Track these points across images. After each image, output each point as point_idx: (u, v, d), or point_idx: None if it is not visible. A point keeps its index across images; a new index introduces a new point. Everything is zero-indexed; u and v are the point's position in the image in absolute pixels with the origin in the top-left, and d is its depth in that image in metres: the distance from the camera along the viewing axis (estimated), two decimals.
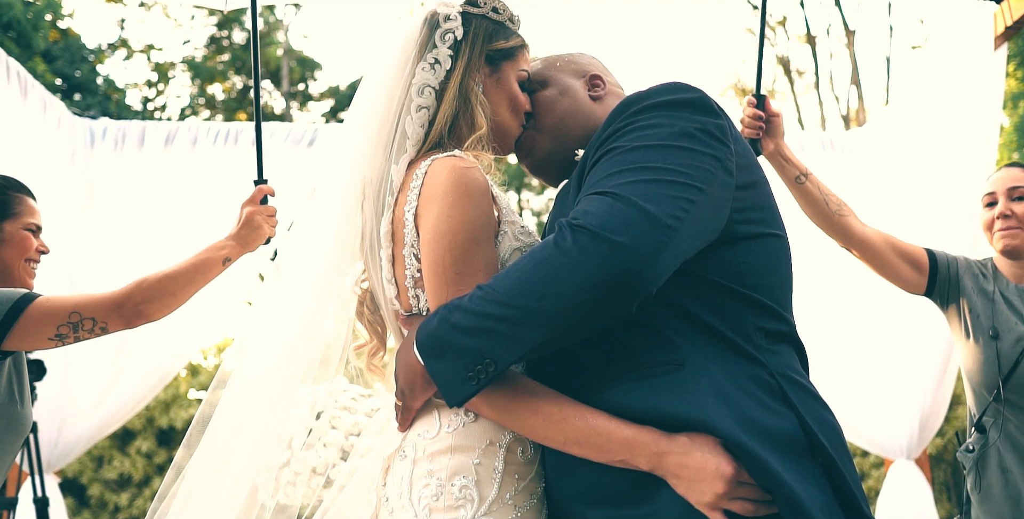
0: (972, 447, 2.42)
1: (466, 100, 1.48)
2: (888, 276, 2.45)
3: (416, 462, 1.36)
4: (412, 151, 1.45)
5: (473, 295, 1.20)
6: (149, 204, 4.27)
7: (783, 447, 1.17)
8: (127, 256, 4.08)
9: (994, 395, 2.35)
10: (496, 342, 1.16)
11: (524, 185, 18.73)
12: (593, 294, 1.11)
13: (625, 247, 1.10)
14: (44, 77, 11.42)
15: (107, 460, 6.56)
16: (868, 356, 4.32)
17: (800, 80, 18.17)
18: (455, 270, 1.31)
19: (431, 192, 1.35)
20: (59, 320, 1.96)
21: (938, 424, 4.23)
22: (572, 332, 1.16)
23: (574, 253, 1.12)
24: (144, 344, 4.11)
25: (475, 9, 1.53)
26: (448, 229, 1.32)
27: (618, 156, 1.24)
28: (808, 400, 1.25)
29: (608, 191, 1.17)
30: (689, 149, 1.22)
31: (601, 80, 1.64)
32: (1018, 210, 2.42)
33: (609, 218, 1.13)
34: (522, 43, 1.58)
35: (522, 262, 1.18)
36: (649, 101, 1.30)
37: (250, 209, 2.31)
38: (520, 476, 1.35)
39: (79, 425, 4.10)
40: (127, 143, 4.41)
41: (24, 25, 11.45)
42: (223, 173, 4.21)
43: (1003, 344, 2.35)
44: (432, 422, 1.38)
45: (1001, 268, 2.50)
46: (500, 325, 1.15)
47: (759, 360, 1.24)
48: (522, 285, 1.15)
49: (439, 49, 1.48)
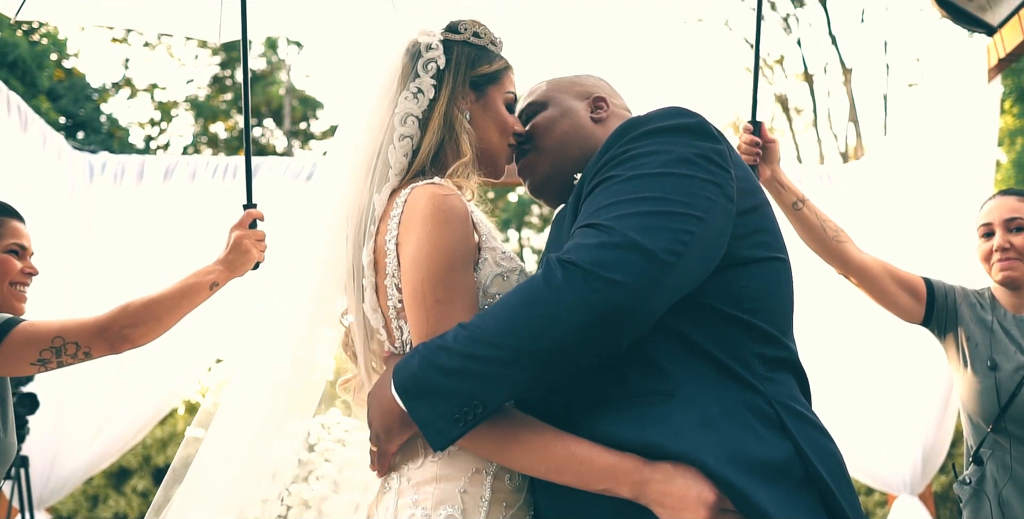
0: (969, 479, 2.37)
1: (451, 128, 1.47)
2: (885, 304, 2.43)
3: (401, 493, 1.33)
4: (395, 180, 1.44)
5: (457, 334, 1.16)
6: (148, 237, 4.28)
7: (775, 478, 1.14)
8: (125, 289, 4.05)
9: (992, 426, 2.31)
10: (485, 383, 1.13)
11: (524, 223, 18.78)
12: (585, 334, 1.09)
13: (618, 284, 1.08)
14: (48, 115, 11.52)
15: (102, 499, 6.50)
16: (869, 389, 4.29)
17: (798, 118, 18.32)
18: (434, 297, 1.28)
19: (411, 220, 1.33)
20: (41, 345, 1.94)
21: (941, 458, 4.18)
22: (562, 370, 1.14)
23: (565, 291, 1.09)
24: (139, 379, 4.08)
25: (456, 36, 1.52)
26: (426, 256, 1.30)
27: (615, 186, 1.21)
28: (807, 428, 1.22)
29: (602, 224, 1.15)
30: (688, 176, 1.20)
31: (605, 102, 1.62)
32: (1016, 242, 2.39)
33: (602, 253, 1.10)
34: (506, 65, 1.57)
35: (510, 299, 1.15)
36: (647, 127, 1.27)
37: (238, 233, 2.26)
38: (508, 504, 1.32)
39: (72, 460, 4.04)
40: (126, 177, 4.43)
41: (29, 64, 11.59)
42: (221, 206, 4.21)
43: (1002, 374, 2.31)
44: (416, 451, 1.35)
45: (999, 298, 2.48)
46: (489, 366, 1.12)
47: (757, 388, 1.21)
48: (512, 325, 1.12)
49: (422, 79, 1.47)
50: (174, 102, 18.01)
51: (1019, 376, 2.28)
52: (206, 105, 17.96)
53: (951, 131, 3.78)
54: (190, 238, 4.18)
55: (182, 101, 18.04)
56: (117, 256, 4.25)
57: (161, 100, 17.89)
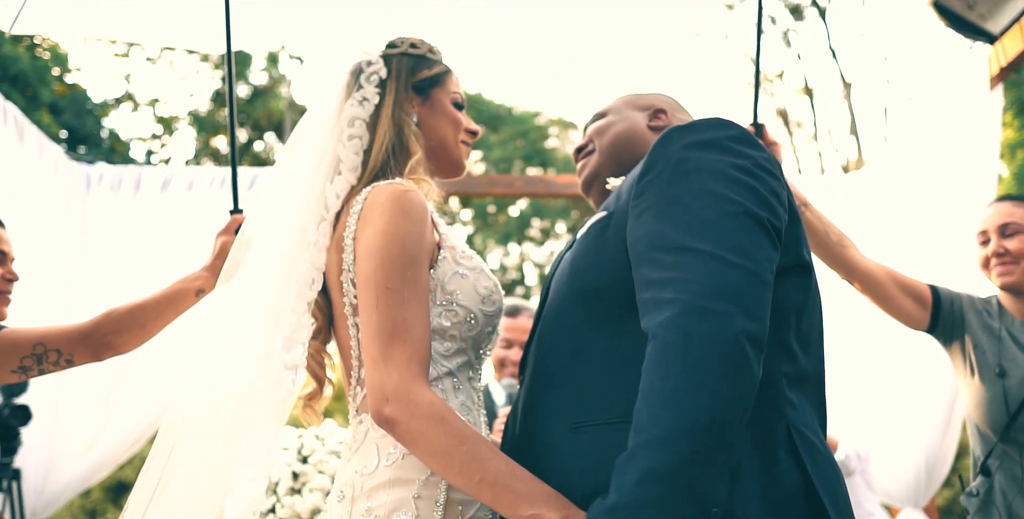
0: (977, 491, 2.31)
1: (399, 130, 1.56)
2: (890, 310, 2.40)
3: (355, 501, 1.32)
4: (350, 176, 1.50)
5: (620, 471, 1.02)
6: (145, 248, 4.25)
7: (779, 509, 1.11)
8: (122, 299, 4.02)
9: (1000, 436, 2.26)
10: (698, 482, 0.99)
11: (525, 237, 18.76)
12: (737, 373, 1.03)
13: (732, 315, 1.04)
14: (50, 129, 11.54)
15: (100, 513, 6.45)
16: (873, 399, 4.25)
17: (799, 131, 18.34)
18: (386, 284, 1.29)
19: (369, 214, 1.37)
20: (23, 352, 1.90)
21: (946, 470, 4.13)
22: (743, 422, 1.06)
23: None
24: (134, 390, 4.04)
25: (394, 50, 1.64)
26: (382, 244, 1.32)
27: (678, 202, 1.17)
28: (818, 459, 1.18)
29: (697, 248, 1.10)
30: (751, 186, 1.17)
31: (665, 114, 1.61)
32: (1011, 247, 2.39)
33: (711, 284, 1.07)
34: (446, 69, 1.66)
35: (649, 386, 1.05)
36: (694, 137, 1.24)
37: (224, 239, 2.16)
38: (464, 506, 1.30)
39: (66, 472, 3.99)
40: (123, 188, 4.41)
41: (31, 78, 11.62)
42: (218, 217, 4.17)
43: (1010, 382, 2.27)
44: (371, 457, 1.34)
45: (1006, 305, 2.45)
46: (685, 463, 0.99)
47: (780, 411, 1.18)
48: (672, 406, 1.01)
49: (366, 89, 1.57)
50: (175, 117, 18.06)
51: None
52: (207, 119, 18.00)
53: (953, 140, 3.76)
54: (187, 248, 4.14)
55: (184, 115, 18.09)
56: (114, 266, 4.23)
57: (162, 115, 17.94)
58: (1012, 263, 2.38)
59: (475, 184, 5.31)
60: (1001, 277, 2.40)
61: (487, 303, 1.43)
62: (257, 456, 1.39)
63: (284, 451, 2.54)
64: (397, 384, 1.23)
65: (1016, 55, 3.40)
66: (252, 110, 17.72)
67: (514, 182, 5.11)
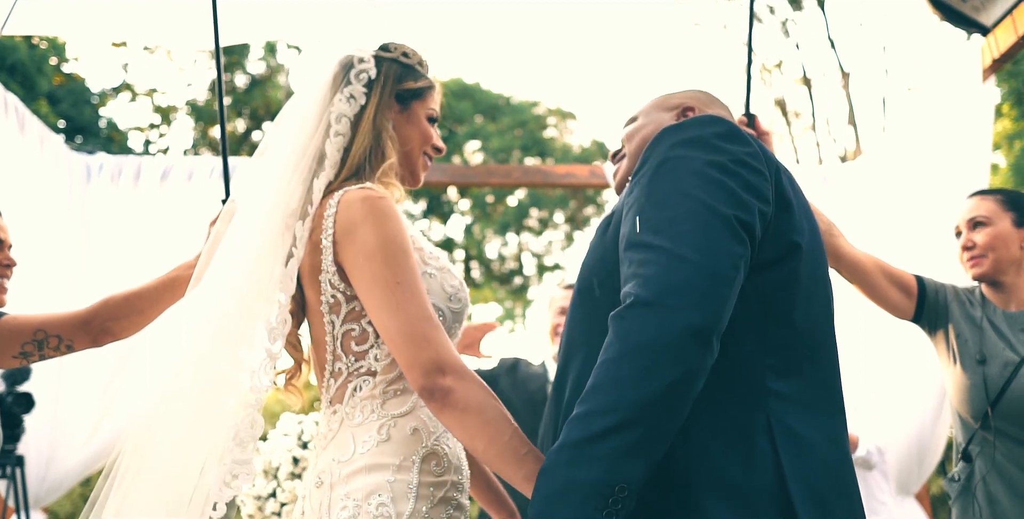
0: (958, 477, 2.37)
1: (378, 134, 1.60)
2: (876, 300, 2.44)
3: (333, 487, 1.39)
4: (330, 172, 1.53)
5: (569, 424, 1.10)
6: (145, 238, 4.28)
7: (746, 505, 1.14)
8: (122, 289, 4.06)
9: (981, 422, 2.31)
10: (618, 460, 1.06)
11: (523, 227, 18.77)
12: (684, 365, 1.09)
13: (681, 309, 1.09)
14: (48, 119, 11.53)
15: None
16: (864, 388, 4.29)
17: (797, 121, 18.33)
18: (395, 279, 1.37)
19: (350, 220, 1.42)
20: (24, 338, 1.94)
21: (938, 457, 4.17)
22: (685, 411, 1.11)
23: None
24: (135, 379, 4.07)
25: (387, 54, 1.67)
26: (381, 246, 1.39)
27: (653, 200, 1.23)
28: (798, 452, 1.20)
29: (657, 246, 1.16)
30: (722, 183, 1.21)
31: (693, 111, 1.63)
32: (977, 239, 2.45)
33: (663, 280, 1.12)
34: (430, 85, 1.70)
35: (593, 372, 1.13)
36: (680, 136, 1.30)
37: (219, 228, 2.23)
38: (435, 488, 1.40)
39: (69, 459, 4.03)
40: (123, 178, 4.44)
41: (29, 68, 11.60)
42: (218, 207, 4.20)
43: (990, 369, 2.32)
44: (346, 445, 1.42)
45: (988, 295, 2.50)
46: (611, 439, 1.06)
47: (759, 404, 1.21)
48: (613, 385, 1.08)
49: (354, 86, 1.60)
50: (173, 106, 18.02)
51: (1008, 372, 2.28)
52: (205, 109, 17.97)
53: (946, 132, 3.79)
54: (187, 238, 4.17)
55: (182, 105, 18.05)
56: (115, 256, 4.26)
57: (160, 104, 17.90)
58: (980, 256, 2.45)
59: (473, 174, 5.33)
60: (972, 269, 2.47)
61: (454, 300, 1.53)
62: (242, 439, 1.41)
63: (284, 437, 2.58)
64: (449, 358, 1.33)
65: (1008, 47, 3.42)
66: (250, 100, 17.68)
67: (512, 172, 5.13)
